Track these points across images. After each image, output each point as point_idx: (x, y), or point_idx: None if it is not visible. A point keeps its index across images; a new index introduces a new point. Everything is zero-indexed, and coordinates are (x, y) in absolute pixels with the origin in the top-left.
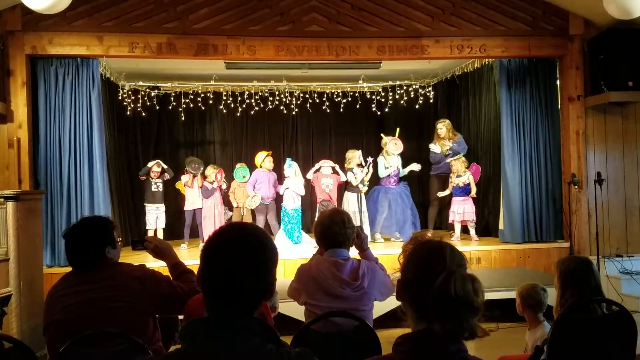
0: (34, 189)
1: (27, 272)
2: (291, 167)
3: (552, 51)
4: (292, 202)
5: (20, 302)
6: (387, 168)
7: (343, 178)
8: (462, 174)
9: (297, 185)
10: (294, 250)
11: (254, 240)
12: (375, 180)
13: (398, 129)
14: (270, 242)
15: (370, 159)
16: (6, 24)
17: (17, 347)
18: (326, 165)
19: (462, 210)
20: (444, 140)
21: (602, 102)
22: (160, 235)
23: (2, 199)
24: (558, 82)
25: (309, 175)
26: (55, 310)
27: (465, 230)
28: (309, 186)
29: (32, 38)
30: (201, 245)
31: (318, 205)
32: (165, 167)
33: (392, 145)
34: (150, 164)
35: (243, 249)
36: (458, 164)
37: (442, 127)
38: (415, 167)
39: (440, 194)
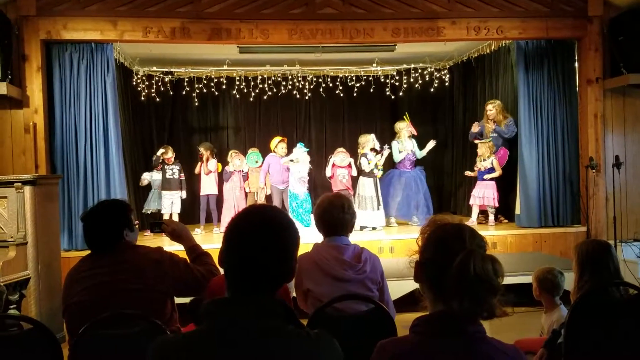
0: (51, 174)
1: (45, 256)
2: (302, 150)
3: (570, 33)
4: (303, 187)
5: (39, 285)
6: (401, 152)
7: (354, 172)
8: (486, 158)
9: (303, 170)
10: (305, 234)
11: (277, 222)
12: (391, 164)
13: (407, 114)
14: (292, 225)
15: (386, 147)
16: (21, 9)
17: (37, 328)
18: (340, 156)
19: (483, 194)
20: (491, 121)
21: (621, 85)
22: (175, 219)
23: (19, 184)
24: (576, 64)
25: (327, 172)
26: (74, 293)
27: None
28: (311, 175)
29: (46, 23)
30: (215, 229)
31: None
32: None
33: (408, 130)
34: (159, 152)
35: (266, 230)
36: (483, 148)
37: (492, 108)
38: (431, 144)
39: (467, 173)
